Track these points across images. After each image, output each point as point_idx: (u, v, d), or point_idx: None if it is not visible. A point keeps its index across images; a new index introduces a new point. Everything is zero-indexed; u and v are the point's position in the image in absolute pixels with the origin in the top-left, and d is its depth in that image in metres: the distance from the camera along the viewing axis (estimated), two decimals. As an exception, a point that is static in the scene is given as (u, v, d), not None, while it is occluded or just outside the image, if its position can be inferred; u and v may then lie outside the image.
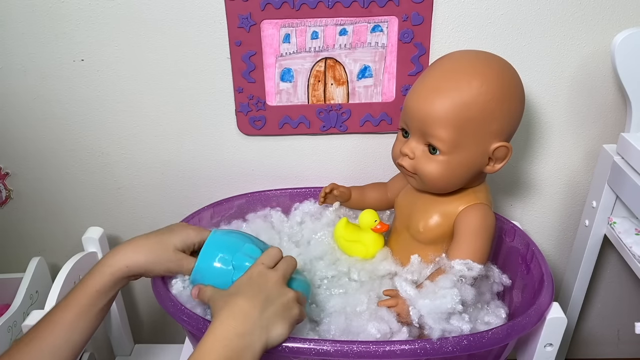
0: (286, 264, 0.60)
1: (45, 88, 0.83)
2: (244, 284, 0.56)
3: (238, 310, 0.52)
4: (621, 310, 1.07)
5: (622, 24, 0.77)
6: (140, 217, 0.95)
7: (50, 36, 0.79)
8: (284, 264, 0.60)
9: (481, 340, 0.55)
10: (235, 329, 0.51)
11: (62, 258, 0.80)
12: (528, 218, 0.95)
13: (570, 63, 0.80)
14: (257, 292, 0.54)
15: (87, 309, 0.57)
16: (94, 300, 0.58)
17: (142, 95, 0.84)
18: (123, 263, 0.59)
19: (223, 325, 0.51)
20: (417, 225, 0.69)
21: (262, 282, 0.56)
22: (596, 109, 0.84)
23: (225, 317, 0.52)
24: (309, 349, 0.54)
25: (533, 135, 0.86)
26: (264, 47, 0.79)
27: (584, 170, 0.90)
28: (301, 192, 0.85)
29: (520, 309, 0.66)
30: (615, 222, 0.81)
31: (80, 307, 0.57)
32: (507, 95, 0.62)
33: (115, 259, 0.59)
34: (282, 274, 0.58)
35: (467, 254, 0.62)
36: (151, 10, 0.77)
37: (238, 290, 0.55)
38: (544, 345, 0.62)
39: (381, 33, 0.78)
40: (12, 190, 0.93)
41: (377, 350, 0.54)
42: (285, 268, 0.59)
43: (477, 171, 0.65)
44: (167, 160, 0.90)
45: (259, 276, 0.57)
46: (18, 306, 0.80)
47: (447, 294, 0.57)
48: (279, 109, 0.83)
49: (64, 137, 0.88)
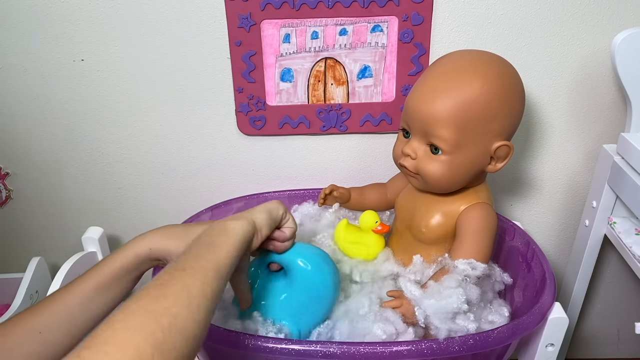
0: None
1: (45, 88, 0.83)
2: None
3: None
4: (621, 310, 1.07)
5: (622, 24, 0.77)
6: (140, 217, 0.95)
7: (50, 36, 0.79)
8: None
9: (487, 340, 0.55)
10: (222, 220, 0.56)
11: (62, 258, 0.80)
12: (528, 218, 0.95)
13: (570, 63, 0.80)
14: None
15: (107, 283, 0.57)
16: (116, 276, 0.58)
17: (142, 95, 0.84)
18: (147, 244, 0.59)
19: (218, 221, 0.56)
20: (418, 226, 0.69)
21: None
22: (596, 109, 0.84)
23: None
24: (316, 351, 0.54)
25: (533, 135, 0.86)
26: (264, 47, 0.79)
27: (584, 170, 0.90)
28: (300, 194, 0.85)
29: (522, 308, 0.66)
30: (615, 222, 0.81)
31: (101, 279, 0.57)
32: (508, 95, 0.62)
33: (142, 239, 0.60)
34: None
35: (470, 254, 0.62)
36: (151, 10, 0.77)
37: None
38: (546, 345, 0.62)
39: (381, 33, 0.78)
40: (12, 190, 0.92)
41: (383, 351, 0.54)
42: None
43: (479, 170, 0.65)
44: (167, 160, 0.90)
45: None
46: (18, 306, 0.80)
47: (453, 293, 0.57)
48: (279, 109, 0.83)
49: (64, 137, 0.88)
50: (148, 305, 0.39)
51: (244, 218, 0.56)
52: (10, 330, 0.52)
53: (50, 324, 0.53)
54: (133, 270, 0.59)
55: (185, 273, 0.44)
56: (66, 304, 0.55)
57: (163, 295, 0.40)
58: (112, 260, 0.59)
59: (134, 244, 0.60)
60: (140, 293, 0.41)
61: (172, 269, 0.45)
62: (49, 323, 0.53)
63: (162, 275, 0.43)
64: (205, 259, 0.47)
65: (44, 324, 0.53)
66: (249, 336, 0.55)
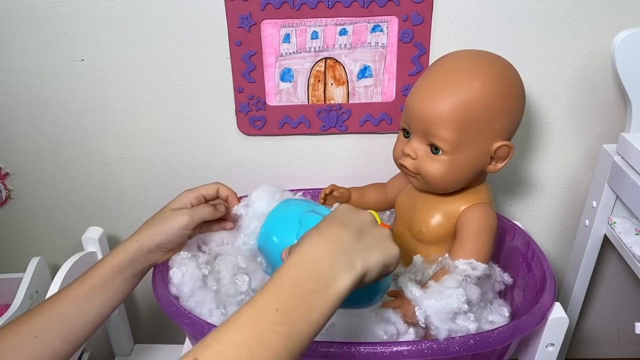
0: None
1: (45, 88, 0.83)
2: (328, 220, 0.48)
3: (327, 232, 0.45)
4: (621, 310, 1.07)
5: (622, 24, 0.77)
6: (140, 217, 0.95)
7: (50, 36, 0.79)
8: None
9: (487, 340, 0.55)
10: (325, 248, 0.43)
11: (62, 258, 0.80)
12: (528, 218, 0.95)
13: (570, 63, 0.80)
14: (348, 221, 0.47)
15: (102, 283, 0.58)
16: (108, 276, 0.58)
17: (142, 95, 0.84)
18: (134, 239, 0.61)
19: (310, 245, 0.43)
20: (419, 226, 0.69)
21: (352, 215, 0.49)
22: (596, 109, 0.84)
23: (312, 237, 0.44)
24: (316, 351, 0.54)
25: (533, 135, 0.86)
26: (264, 47, 0.79)
27: (584, 170, 0.90)
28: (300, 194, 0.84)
29: (522, 308, 0.66)
30: (615, 222, 0.82)
31: (95, 281, 0.57)
32: (509, 95, 0.62)
33: (130, 237, 0.61)
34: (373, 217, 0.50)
35: (470, 254, 0.62)
36: (151, 10, 0.77)
37: (324, 223, 0.48)
38: (546, 345, 0.62)
39: (381, 33, 0.78)
40: (12, 190, 0.92)
41: (384, 352, 0.53)
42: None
43: (480, 171, 0.65)
44: (167, 160, 0.90)
45: (346, 212, 0.49)
46: (18, 306, 0.80)
47: (453, 293, 0.57)
48: (279, 109, 0.83)
49: (64, 137, 0.88)
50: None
51: (354, 269, 0.43)
52: (7, 336, 0.52)
53: (46, 329, 0.54)
54: (126, 268, 0.59)
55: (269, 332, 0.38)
56: (61, 309, 0.55)
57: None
58: (103, 261, 0.59)
59: (123, 242, 0.61)
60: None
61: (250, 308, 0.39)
62: (44, 327, 0.54)
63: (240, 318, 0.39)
64: (298, 322, 0.39)
65: (40, 329, 0.53)
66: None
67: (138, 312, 1.08)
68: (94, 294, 0.57)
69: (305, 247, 0.44)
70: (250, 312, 0.39)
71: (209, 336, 0.37)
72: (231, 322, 0.38)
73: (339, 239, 0.44)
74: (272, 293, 0.40)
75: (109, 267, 0.58)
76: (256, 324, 0.38)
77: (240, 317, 0.39)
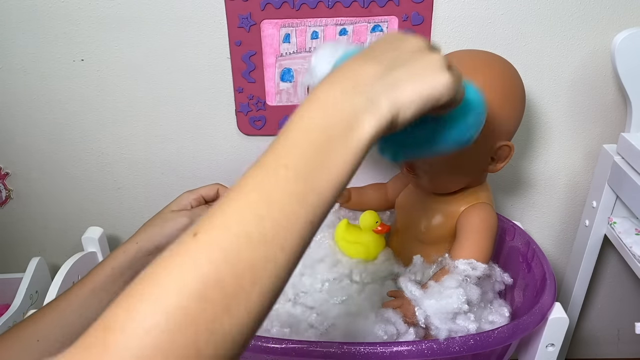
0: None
1: (45, 88, 0.83)
2: (358, 55, 0.39)
3: (347, 69, 0.37)
4: (621, 310, 1.06)
5: (622, 24, 0.77)
6: (140, 217, 0.95)
7: (50, 36, 0.79)
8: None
9: (487, 340, 0.55)
10: (341, 88, 0.35)
11: (62, 258, 0.80)
12: (528, 218, 0.95)
13: (570, 63, 0.80)
14: (383, 51, 0.39)
15: (102, 286, 0.57)
16: (109, 279, 0.58)
17: (142, 95, 0.84)
18: (133, 240, 0.60)
19: (323, 88, 0.36)
20: (419, 226, 0.69)
21: (393, 43, 0.40)
22: (596, 109, 0.84)
23: (328, 78, 0.37)
24: (316, 351, 0.54)
25: (533, 135, 0.86)
26: (264, 47, 0.79)
27: (584, 170, 0.90)
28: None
29: (522, 308, 0.66)
30: (615, 222, 0.81)
31: (95, 284, 0.57)
32: (509, 95, 0.62)
33: (129, 239, 0.61)
34: (430, 43, 0.40)
35: (470, 254, 0.62)
36: (151, 10, 0.77)
37: (350, 59, 0.39)
38: (546, 345, 0.62)
39: (381, 33, 0.78)
40: (12, 190, 0.92)
41: (384, 352, 0.53)
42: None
43: (480, 171, 0.65)
44: (167, 160, 0.90)
45: (389, 40, 0.40)
46: (18, 306, 0.80)
47: (453, 293, 0.57)
48: (279, 109, 0.83)
49: (64, 137, 0.88)
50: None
51: (378, 109, 0.35)
52: (10, 341, 0.52)
53: (47, 334, 0.53)
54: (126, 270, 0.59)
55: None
56: (61, 313, 0.55)
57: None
58: (103, 264, 0.59)
59: (122, 244, 0.60)
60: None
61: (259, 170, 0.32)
62: (46, 332, 0.53)
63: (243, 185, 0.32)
64: (314, 179, 0.32)
65: (41, 333, 0.53)
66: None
67: (138, 312, 1.08)
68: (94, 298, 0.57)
69: (318, 91, 0.36)
70: (254, 173, 0.32)
71: (213, 209, 0.31)
72: (234, 190, 0.32)
73: (359, 76, 0.36)
74: (279, 149, 0.33)
75: (109, 270, 0.58)
76: (262, 186, 0.31)
77: (244, 181, 0.32)
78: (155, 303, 0.27)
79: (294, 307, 0.70)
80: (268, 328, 0.63)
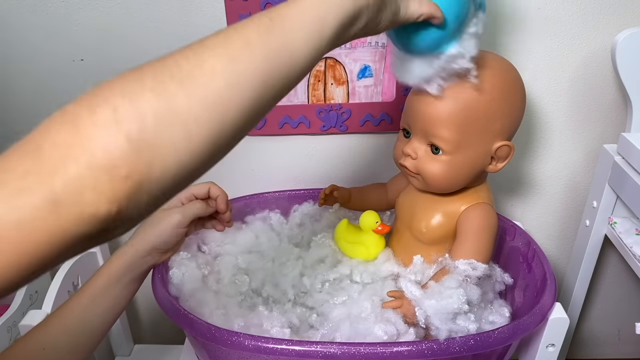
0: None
1: (45, 88, 0.83)
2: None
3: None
4: (622, 311, 1.06)
5: (623, 24, 0.77)
6: (140, 217, 0.95)
7: (50, 36, 0.79)
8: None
9: (487, 340, 0.55)
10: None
11: (61, 258, 0.80)
12: (528, 218, 0.95)
13: (570, 63, 0.80)
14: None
15: (101, 292, 0.58)
16: (107, 283, 0.58)
17: (142, 95, 0.84)
18: (129, 243, 0.60)
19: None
20: (419, 226, 0.69)
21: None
22: (596, 108, 0.84)
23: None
24: (316, 351, 0.54)
25: (533, 135, 0.86)
26: (264, 47, 0.79)
27: (584, 170, 0.90)
28: (300, 194, 0.85)
29: (523, 308, 0.66)
30: (615, 222, 0.81)
31: (95, 290, 0.58)
32: (509, 94, 0.62)
33: (125, 243, 0.61)
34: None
35: (470, 254, 0.62)
36: (151, 10, 0.77)
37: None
38: (546, 345, 0.62)
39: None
40: (12, 190, 0.92)
41: (384, 352, 0.53)
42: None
43: (480, 171, 0.65)
44: (167, 161, 0.90)
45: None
46: (17, 306, 0.80)
47: (453, 294, 0.57)
48: (278, 109, 0.83)
49: (64, 137, 0.87)
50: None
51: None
52: (17, 351, 0.53)
53: (53, 342, 0.55)
54: (125, 274, 0.59)
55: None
56: (64, 321, 0.56)
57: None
58: (101, 270, 0.59)
59: (119, 248, 0.61)
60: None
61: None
62: (51, 340, 0.55)
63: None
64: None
65: (47, 342, 0.54)
66: (249, 336, 0.55)
67: (138, 313, 1.08)
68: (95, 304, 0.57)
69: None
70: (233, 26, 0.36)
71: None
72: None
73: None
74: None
75: (107, 276, 0.59)
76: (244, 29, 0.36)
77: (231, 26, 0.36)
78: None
79: (294, 307, 0.70)
80: (268, 328, 0.63)
